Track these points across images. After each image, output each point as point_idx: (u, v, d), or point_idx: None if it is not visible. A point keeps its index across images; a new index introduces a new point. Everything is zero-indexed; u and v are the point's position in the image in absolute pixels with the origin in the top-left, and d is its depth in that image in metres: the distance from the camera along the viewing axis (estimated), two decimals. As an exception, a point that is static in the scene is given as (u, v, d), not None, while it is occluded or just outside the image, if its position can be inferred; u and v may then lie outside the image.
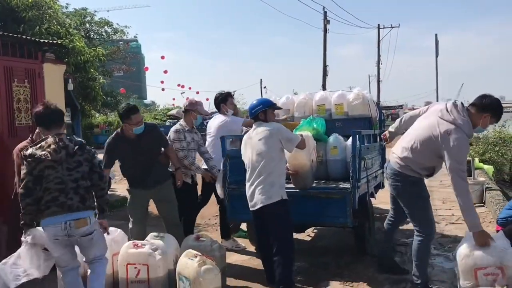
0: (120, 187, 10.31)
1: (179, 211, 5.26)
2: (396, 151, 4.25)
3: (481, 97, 4.00)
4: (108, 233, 4.04)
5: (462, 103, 4.06)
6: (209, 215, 7.72)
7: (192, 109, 5.61)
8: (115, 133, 5.17)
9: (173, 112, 40.66)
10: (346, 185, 4.94)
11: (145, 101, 75.14)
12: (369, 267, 5.10)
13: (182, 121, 5.66)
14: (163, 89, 32.46)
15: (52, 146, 3.55)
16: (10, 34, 6.81)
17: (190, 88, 36.97)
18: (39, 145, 3.60)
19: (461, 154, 3.88)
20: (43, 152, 3.53)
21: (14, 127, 6.62)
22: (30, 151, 3.58)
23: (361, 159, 4.99)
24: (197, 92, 37.53)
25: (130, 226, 5.14)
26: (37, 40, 7.15)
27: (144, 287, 4.16)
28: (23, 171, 3.58)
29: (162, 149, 5.25)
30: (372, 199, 5.91)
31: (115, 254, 4.35)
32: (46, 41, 7.30)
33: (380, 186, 6.52)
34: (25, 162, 3.57)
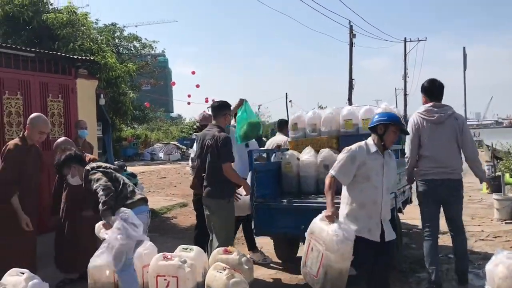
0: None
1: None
2: (450, 163, 4.67)
3: None
4: None
5: None
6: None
7: (206, 123, 5.69)
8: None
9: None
10: (374, 200, 4.92)
11: (171, 114, 76.07)
12: (396, 282, 5.06)
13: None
14: (189, 103, 32.82)
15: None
16: (46, 51, 7.07)
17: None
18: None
19: None
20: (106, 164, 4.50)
21: (48, 140, 6.84)
22: (95, 165, 4.37)
23: (389, 174, 4.96)
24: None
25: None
26: (71, 56, 7.40)
27: (174, 299, 4.22)
28: (100, 177, 4.14)
29: None
30: (400, 215, 5.87)
31: (145, 266, 4.44)
32: (80, 57, 7.55)
33: (408, 201, 6.47)
34: (100, 170, 4.24)
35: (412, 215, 7.12)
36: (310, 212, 5.08)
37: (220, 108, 5.16)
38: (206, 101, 36.01)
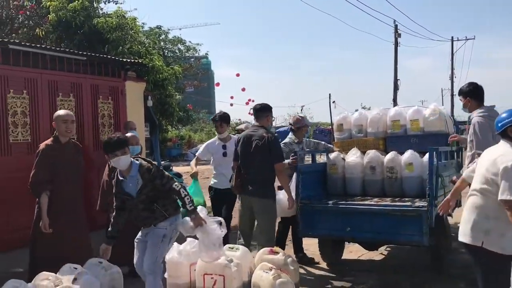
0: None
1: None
2: None
3: None
4: None
5: None
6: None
7: (301, 125, 6.09)
8: None
9: (242, 126, 41.38)
10: (423, 203, 4.83)
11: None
12: (446, 287, 4.94)
13: (290, 137, 6.14)
14: (231, 105, 33.09)
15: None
16: (97, 55, 7.32)
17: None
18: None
19: None
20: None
21: (99, 141, 7.09)
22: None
23: (438, 176, 4.86)
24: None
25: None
26: (121, 59, 7.63)
27: (220, 297, 4.27)
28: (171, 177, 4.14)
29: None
30: (449, 218, 5.72)
31: (193, 264, 4.51)
32: (129, 60, 7.77)
33: (457, 204, 6.28)
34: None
35: (460, 219, 6.91)
36: (356, 214, 5.06)
37: (262, 110, 5.29)
38: (248, 103, 36.26)
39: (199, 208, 4.20)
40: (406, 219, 4.75)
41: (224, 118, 6.12)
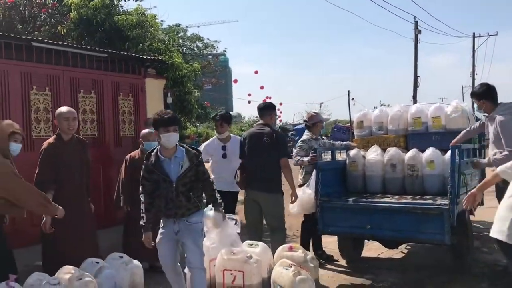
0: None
1: None
2: None
3: None
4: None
5: None
6: (297, 227, 7.75)
7: (315, 121, 6.02)
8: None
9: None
10: (444, 201, 4.77)
11: (231, 113, 77.01)
12: (467, 287, 4.87)
13: (307, 133, 6.04)
14: (249, 102, 33.07)
15: None
16: (117, 52, 7.38)
17: (281, 104, 37.15)
18: None
19: None
20: None
21: (119, 137, 7.15)
22: None
23: (461, 174, 4.79)
24: (280, 104, 37.75)
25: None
26: (141, 56, 7.67)
27: (240, 293, 4.29)
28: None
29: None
30: (471, 216, 5.64)
31: (212, 260, 4.53)
32: (148, 57, 7.81)
33: (480, 203, 6.19)
34: None
35: (482, 218, 6.82)
36: (376, 211, 5.02)
37: (266, 109, 5.56)
38: (265, 101, 36.18)
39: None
40: (427, 217, 4.70)
41: (225, 117, 6.12)
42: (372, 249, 6.31)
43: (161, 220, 4.12)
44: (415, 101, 26.49)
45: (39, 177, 4.53)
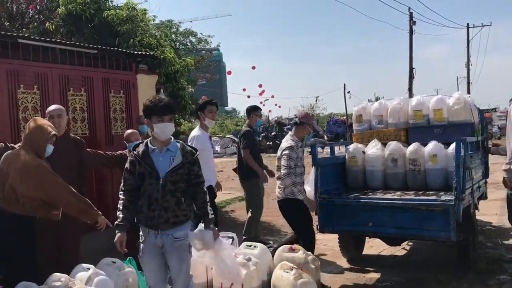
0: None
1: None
2: None
3: None
4: None
5: None
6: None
7: (308, 122, 5.09)
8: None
9: (255, 118, 41.26)
10: (449, 197, 4.60)
11: (226, 108, 76.82)
12: (474, 284, 4.72)
13: (293, 135, 5.06)
14: (248, 96, 32.88)
15: None
16: (107, 48, 7.14)
17: (273, 97, 37.03)
18: None
19: None
20: None
21: (111, 136, 6.94)
22: None
23: (466, 168, 4.62)
24: (272, 96, 37.62)
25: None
26: (132, 52, 7.45)
27: (238, 297, 4.10)
28: None
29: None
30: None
31: (209, 263, 4.34)
32: (140, 53, 7.58)
33: (483, 196, 6.04)
34: None
35: (484, 211, 6.68)
36: (378, 208, 4.85)
37: (248, 111, 6.65)
38: (261, 95, 36.01)
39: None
40: (432, 214, 4.53)
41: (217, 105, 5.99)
42: (374, 246, 6.15)
43: (141, 233, 3.45)
44: (410, 93, 26.35)
45: None
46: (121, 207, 3.39)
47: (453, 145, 5.07)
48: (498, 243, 6.08)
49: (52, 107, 4.66)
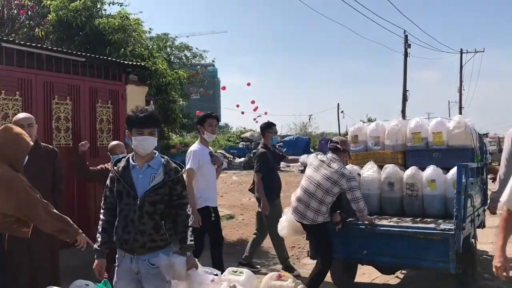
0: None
1: None
2: None
3: None
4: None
5: None
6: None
7: (348, 150, 5.09)
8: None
9: (247, 135, 41.16)
10: (448, 225, 4.35)
11: (219, 123, 76.79)
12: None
13: (339, 161, 4.88)
14: (242, 112, 32.67)
15: None
16: (97, 56, 6.90)
17: (266, 113, 36.97)
18: None
19: None
20: None
21: (96, 147, 6.65)
22: None
23: (467, 195, 4.39)
24: (266, 113, 37.54)
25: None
26: (122, 61, 7.21)
27: (221, 327, 3.80)
28: None
29: None
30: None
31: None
32: (130, 63, 7.34)
33: (481, 225, 5.81)
34: None
35: (479, 240, 6.42)
36: (374, 235, 4.59)
37: (262, 129, 6.45)
38: (255, 110, 35.88)
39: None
40: (430, 243, 4.31)
41: (219, 119, 5.63)
42: (366, 273, 5.85)
43: (117, 256, 3.17)
44: (404, 116, 26.32)
45: None
46: (100, 229, 3.13)
47: (452, 171, 4.87)
48: (495, 276, 5.80)
49: (22, 115, 4.38)
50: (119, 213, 3.07)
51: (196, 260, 3.21)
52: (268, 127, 6.37)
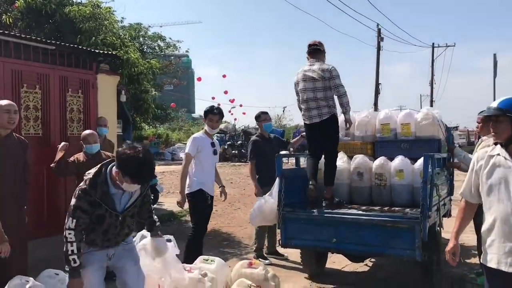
0: (167, 200, 10.15)
1: None
2: None
3: None
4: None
5: None
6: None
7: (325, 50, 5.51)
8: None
9: (221, 126, 41.07)
10: (415, 214, 4.47)
11: (193, 114, 76.15)
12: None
13: None
14: (219, 104, 32.60)
15: None
16: (67, 44, 6.78)
17: (241, 105, 37.00)
18: None
19: None
20: None
21: (66, 137, 6.54)
22: None
23: (433, 185, 4.51)
24: (241, 105, 37.57)
25: None
26: (92, 50, 7.10)
27: (192, 315, 3.82)
28: None
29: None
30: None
31: (160, 281, 4.04)
32: (101, 51, 7.24)
33: (447, 214, 5.97)
34: None
35: (449, 228, 6.60)
36: (343, 224, 4.68)
37: (256, 119, 6.49)
38: (232, 102, 35.82)
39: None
40: (397, 232, 4.39)
41: (222, 113, 5.59)
42: (336, 262, 5.97)
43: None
44: (376, 108, 26.67)
45: None
46: (74, 249, 3.06)
47: (419, 161, 4.98)
48: (460, 262, 5.99)
49: (5, 101, 4.27)
50: (96, 230, 3.18)
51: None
52: (257, 116, 6.44)
